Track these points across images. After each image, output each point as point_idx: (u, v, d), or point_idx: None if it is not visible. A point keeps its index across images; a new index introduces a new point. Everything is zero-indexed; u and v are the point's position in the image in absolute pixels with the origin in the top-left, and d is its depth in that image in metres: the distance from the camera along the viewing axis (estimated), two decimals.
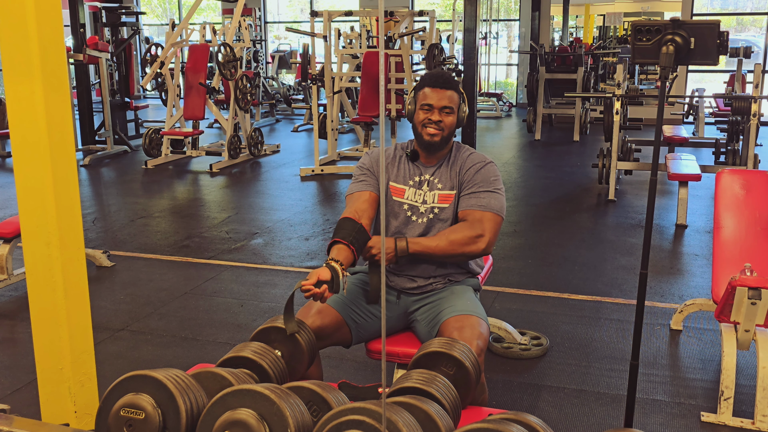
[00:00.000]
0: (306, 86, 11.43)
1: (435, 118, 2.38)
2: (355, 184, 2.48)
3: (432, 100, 2.38)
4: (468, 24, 7.08)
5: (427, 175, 2.46)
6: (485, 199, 2.39)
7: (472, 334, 2.13)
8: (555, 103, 11.14)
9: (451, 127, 2.41)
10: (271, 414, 1.34)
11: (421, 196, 2.45)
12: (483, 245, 2.34)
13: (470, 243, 2.33)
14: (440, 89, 2.38)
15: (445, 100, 2.38)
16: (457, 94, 2.41)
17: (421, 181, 2.46)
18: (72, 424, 2.23)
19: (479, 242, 2.33)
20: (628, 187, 6.88)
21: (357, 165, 2.53)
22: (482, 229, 2.35)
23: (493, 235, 2.37)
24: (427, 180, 2.45)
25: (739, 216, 3.27)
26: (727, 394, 2.70)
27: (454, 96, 2.40)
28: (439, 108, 2.38)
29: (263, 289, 4.21)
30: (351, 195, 2.44)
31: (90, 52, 8.70)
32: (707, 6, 15.64)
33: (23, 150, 2.12)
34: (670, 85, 8.40)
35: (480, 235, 2.34)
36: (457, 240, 2.34)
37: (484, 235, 2.34)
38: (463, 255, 2.37)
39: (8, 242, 4.13)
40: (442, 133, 2.40)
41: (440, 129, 2.39)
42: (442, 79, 2.40)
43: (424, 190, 2.45)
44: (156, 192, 7.08)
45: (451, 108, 2.39)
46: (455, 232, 2.36)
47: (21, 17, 2.02)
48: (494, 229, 2.38)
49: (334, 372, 3.08)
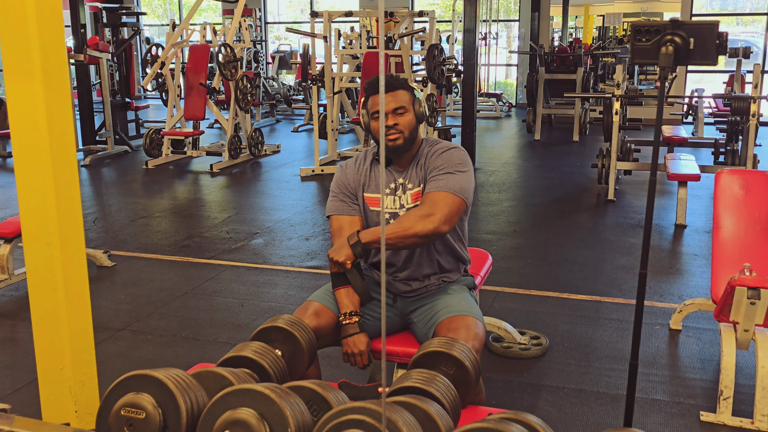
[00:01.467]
0: (306, 86, 11.43)
1: (390, 122, 2.30)
2: (333, 203, 2.45)
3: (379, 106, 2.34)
4: (468, 24, 7.09)
5: (400, 179, 2.41)
6: (443, 180, 2.30)
7: (468, 334, 2.13)
8: (554, 104, 11.14)
9: (409, 126, 2.34)
10: (271, 413, 1.34)
11: (398, 202, 2.41)
12: (432, 224, 2.21)
13: (420, 222, 2.22)
14: (385, 94, 2.31)
15: (393, 102, 2.31)
16: (405, 91, 2.34)
17: (395, 187, 2.42)
18: (73, 423, 2.23)
19: (429, 220, 2.22)
20: (628, 187, 6.88)
21: (333, 181, 2.50)
22: (434, 208, 2.24)
23: (446, 212, 2.24)
24: (401, 184, 2.41)
25: (738, 216, 3.28)
26: (727, 394, 2.71)
27: (401, 95, 2.33)
28: (391, 111, 2.31)
29: (263, 289, 4.22)
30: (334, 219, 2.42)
31: (91, 52, 8.70)
32: (707, 6, 15.64)
33: (24, 150, 2.13)
34: (669, 85, 8.41)
35: (430, 213, 2.23)
36: (405, 221, 2.25)
37: (435, 214, 2.22)
38: (415, 236, 2.23)
39: (9, 242, 4.14)
40: (403, 134, 2.33)
41: (399, 131, 2.32)
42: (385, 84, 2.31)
43: (399, 195, 2.41)
44: (156, 192, 7.08)
45: (403, 107, 2.32)
46: (405, 215, 2.30)
47: (21, 17, 2.02)
48: (448, 208, 2.25)
49: (334, 372, 3.08)
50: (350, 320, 2.26)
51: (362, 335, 2.26)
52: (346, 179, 2.46)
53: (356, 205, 2.44)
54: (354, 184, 2.45)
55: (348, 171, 2.47)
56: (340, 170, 2.50)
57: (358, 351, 2.24)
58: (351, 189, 2.44)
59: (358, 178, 2.46)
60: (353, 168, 2.47)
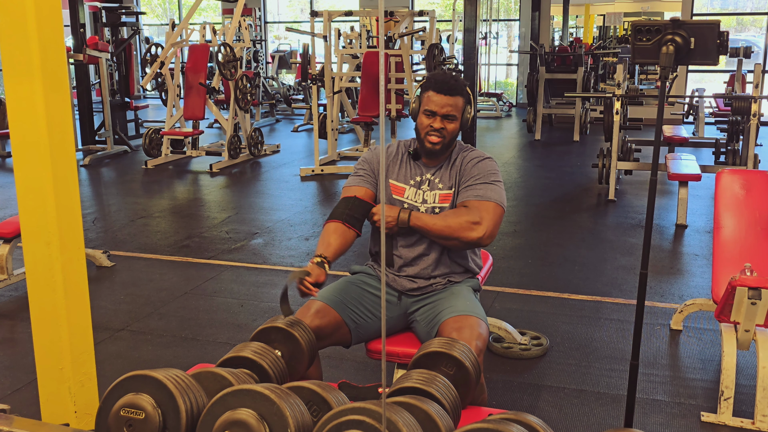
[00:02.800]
0: (306, 86, 11.43)
1: (437, 125, 2.34)
2: (353, 177, 2.47)
3: (435, 106, 2.34)
4: (468, 24, 7.09)
5: (428, 175, 2.44)
6: (482, 190, 2.35)
7: (471, 334, 2.13)
8: (555, 103, 11.14)
9: (453, 134, 2.38)
10: (271, 414, 1.34)
11: (421, 196, 2.43)
12: (480, 233, 2.28)
13: (467, 228, 2.28)
14: (445, 95, 2.34)
15: (448, 107, 2.34)
16: (462, 99, 2.37)
17: (421, 181, 2.44)
18: (72, 424, 2.23)
19: (477, 229, 2.28)
20: (628, 187, 6.88)
21: (359, 159, 2.52)
22: (481, 217, 2.30)
23: (492, 225, 2.30)
24: (428, 180, 2.44)
25: (739, 216, 3.27)
26: (727, 394, 2.70)
27: (459, 102, 2.36)
28: (442, 115, 2.34)
29: (263, 289, 4.21)
30: (348, 188, 2.45)
31: (90, 52, 8.70)
32: (707, 6, 15.64)
33: (23, 150, 2.12)
34: (670, 85, 8.40)
35: (478, 222, 2.29)
36: (454, 223, 2.30)
37: (482, 223, 2.29)
38: (458, 240, 2.30)
39: (8, 242, 4.13)
40: (444, 140, 2.37)
41: (442, 137, 2.36)
42: (447, 86, 2.34)
43: (424, 189, 2.43)
44: (156, 192, 7.08)
45: (454, 115, 2.35)
46: (455, 215, 2.33)
47: (21, 17, 2.02)
48: (494, 219, 2.32)
49: (334, 372, 3.08)
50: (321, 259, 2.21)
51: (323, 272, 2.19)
52: (373, 161, 2.47)
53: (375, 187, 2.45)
54: (379, 167, 2.46)
55: (377, 155, 2.49)
56: (370, 152, 2.53)
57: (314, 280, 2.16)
58: (376, 171, 2.46)
59: (386, 163, 2.48)
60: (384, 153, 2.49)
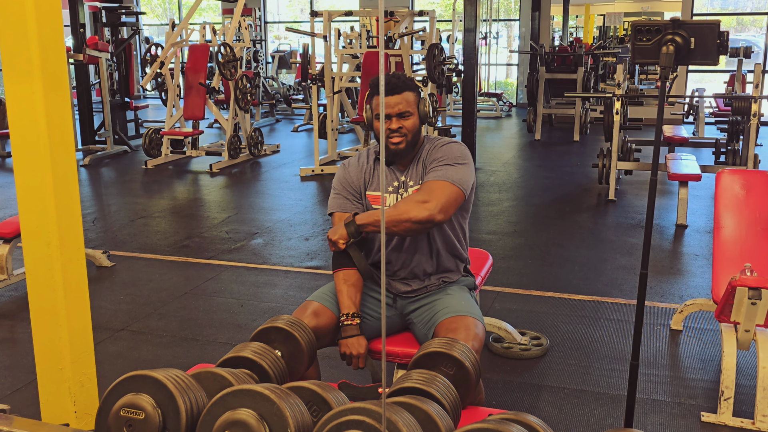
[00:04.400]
0: (306, 86, 11.42)
1: (394, 126, 2.29)
2: (334, 199, 2.45)
3: (386, 108, 2.29)
4: (468, 24, 7.08)
5: (402, 177, 2.41)
6: (441, 171, 2.28)
7: (467, 335, 2.12)
8: (555, 103, 11.13)
9: (413, 130, 2.33)
10: (271, 414, 1.33)
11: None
12: (427, 211, 2.18)
13: (414, 208, 2.19)
14: (391, 96, 2.29)
15: (399, 105, 2.29)
16: (411, 93, 2.32)
17: (398, 185, 2.41)
18: (72, 424, 2.23)
19: (423, 207, 2.19)
20: (628, 187, 6.88)
21: (335, 178, 2.49)
22: (430, 195, 2.21)
23: (442, 202, 2.21)
24: (403, 182, 2.41)
25: (739, 216, 3.27)
26: (727, 394, 2.70)
27: (408, 97, 2.31)
28: (396, 115, 2.30)
29: (263, 289, 4.21)
30: (336, 216, 2.42)
31: (90, 52, 8.70)
32: (707, 6, 15.64)
33: (23, 150, 2.12)
34: (670, 85, 8.40)
35: (426, 200, 2.20)
36: (401, 205, 2.24)
37: (430, 201, 2.20)
38: (409, 221, 2.19)
39: (8, 242, 4.13)
40: (406, 138, 2.32)
41: (402, 135, 2.31)
42: (390, 86, 2.29)
43: (401, 193, 2.40)
44: (156, 192, 7.08)
45: (408, 111, 2.31)
46: (402, 200, 2.29)
47: (21, 17, 2.02)
48: (445, 196, 2.22)
49: (334, 372, 3.08)
50: (351, 321, 2.25)
51: (361, 338, 2.25)
52: (349, 177, 2.46)
53: (359, 203, 2.43)
54: (357, 182, 2.44)
55: (351, 169, 2.47)
56: (342, 168, 2.49)
57: (357, 353, 2.23)
58: (354, 187, 2.44)
59: (361, 176, 2.45)
60: (356, 166, 2.47)
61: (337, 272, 2.33)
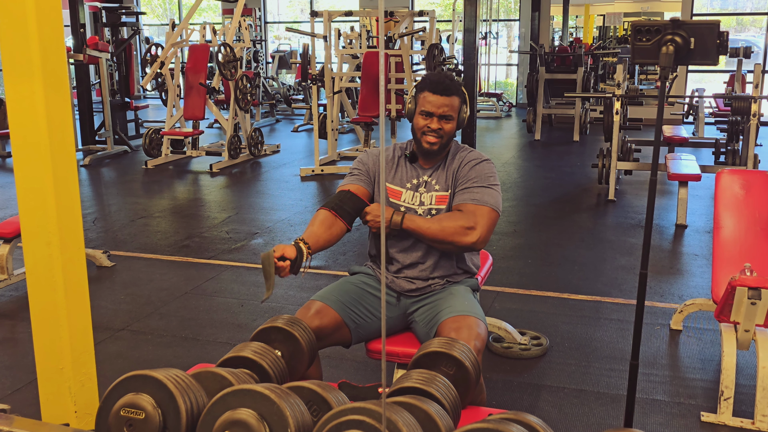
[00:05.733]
0: (306, 86, 11.43)
1: (434, 126, 2.34)
2: (348, 177, 2.47)
3: (432, 107, 2.34)
4: (468, 24, 7.08)
5: (425, 177, 2.44)
6: (479, 194, 2.35)
7: (470, 334, 2.13)
8: (555, 103, 11.13)
9: (450, 134, 2.38)
10: (271, 414, 1.34)
11: (418, 198, 2.42)
12: (474, 238, 2.28)
13: (461, 233, 2.28)
14: (441, 96, 2.33)
15: (445, 107, 2.34)
16: (458, 99, 2.37)
17: (418, 184, 2.44)
18: (72, 424, 2.23)
19: (471, 234, 2.28)
20: (628, 187, 6.88)
21: (356, 159, 2.52)
22: (475, 222, 2.29)
23: (486, 230, 2.31)
24: (424, 182, 2.43)
25: (739, 216, 3.27)
26: (727, 394, 2.70)
27: (455, 102, 2.35)
28: (439, 115, 2.34)
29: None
30: (343, 186, 2.45)
31: (90, 52, 8.70)
32: (707, 6, 15.64)
33: (23, 150, 2.12)
34: (670, 85, 8.40)
35: (472, 227, 2.29)
36: (449, 227, 2.29)
37: (476, 228, 2.29)
38: (452, 244, 2.31)
39: (8, 242, 4.13)
40: (441, 140, 2.37)
41: (439, 137, 2.36)
42: (442, 86, 2.34)
43: (421, 192, 2.43)
44: (156, 192, 7.08)
45: (451, 115, 2.35)
46: (449, 219, 2.32)
47: (21, 17, 2.02)
48: (488, 224, 2.32)
49: (334, 372, 3.08)
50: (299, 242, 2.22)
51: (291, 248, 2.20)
52: (370, 163, 2.47)
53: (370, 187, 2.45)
54: (375, 170, 2.45)
55: (373, 157, 2.49)
56: (365, 154, 2.52)
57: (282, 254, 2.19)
58: (371, 174, 2.46)
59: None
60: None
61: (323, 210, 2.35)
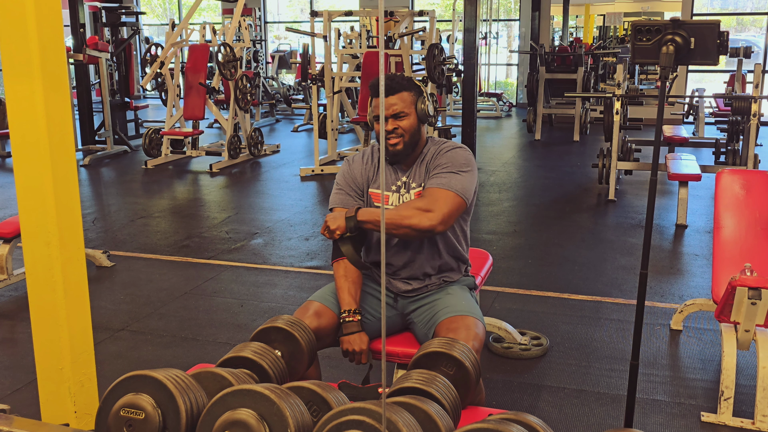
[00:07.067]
0: (306, 86, 11.42)
1: (389, 127, 2.29)
2: (335, 195, 2.44)
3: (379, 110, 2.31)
4: (468, 24, 7.08)
5: (404, 178, 2.40)
6: (445, 178, 2.28)
7: (468, 334, 2.12)
8: (555, 103, 11.13)
9: (411, 129, 2.31)
10: (271, 414, 1.33)
11: (402, 200, 2.40)
12: (429, 222, 2.19)
13: (417, 216, 2.20)
14: (385, 97, 2.27)
15: (394, 106, 2.28)
16: (408, 93, 2.31)
17: (400, 185, 2.41)
18: (72, 424, 2.23)
19: (427, 216, 2.19)
20: (628, 187, 6.88)
21: (338, 173, 2.49)
22: (434, 205, 2.21)
23: (445, 214, 2.21)
24: (404, 183, 2.40)
25: (739, 216, 3.27)
26: (727, 394, 2.70)
27: (404, 97, 2.30)
28: (391, 116, 2.29)
29: (263, 289, 4.21)
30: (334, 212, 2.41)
31: (90, 52, 8.70)
32: (707, 6, 15.64)
33: (23, 150, 2.12)
34: (670, 85, 8.40)
35: (429, 209, 2.21)
36: (405, 211, 2.23)
37: (434, 211, 2.20)
38: (409, 227, 2.20)
39: (8, 242, 4.13)
40: (404, 138, 2.31)
41: (399, 136, 2.30)
42: (385, 88, 2.28)
43: (402, 193, 2.40)
44: (156, 192, 7.07)
45: (403, 112, 2.30)
46: (406, 204, 2.29)
47: (21, 17, 2.02)
48: (448, 208, 2.23)
49: (334, 372, 3.08)
50: (353, 318, 2.26)
51: (363, 334, 2.26)
52: (352, 173, 2.45)
53: (360, 200, 2.43)
54: (360, 179, 2.44)
55: (355, 166, 2.47)
56: (346, 164, 2.49)
57: (359, 350, 2.24)
58: (357, 183, 2.44)
59: (364, 173, 2.45)
60: (360, 163, 2.47)
61: (337, 263, 2.34)
